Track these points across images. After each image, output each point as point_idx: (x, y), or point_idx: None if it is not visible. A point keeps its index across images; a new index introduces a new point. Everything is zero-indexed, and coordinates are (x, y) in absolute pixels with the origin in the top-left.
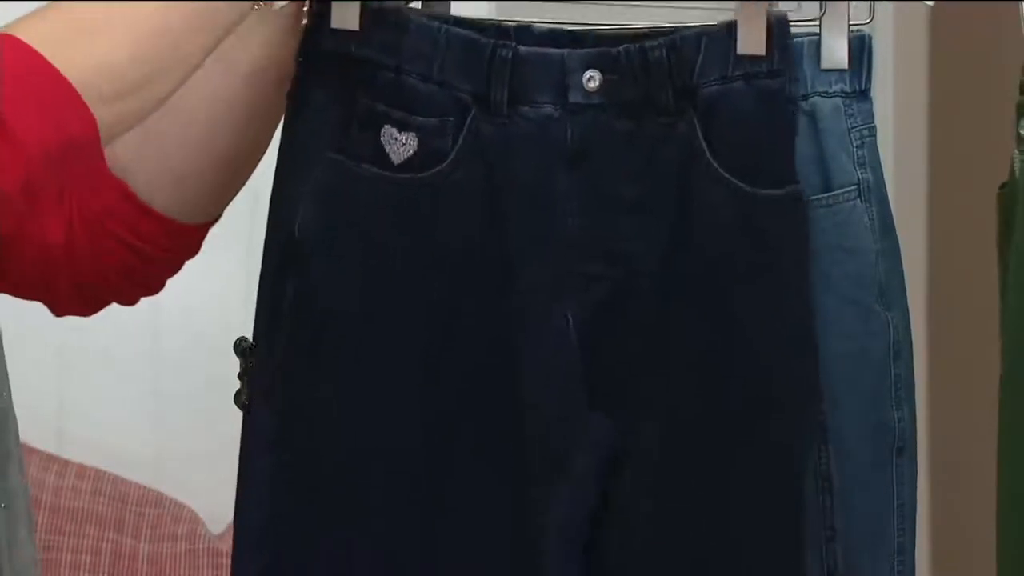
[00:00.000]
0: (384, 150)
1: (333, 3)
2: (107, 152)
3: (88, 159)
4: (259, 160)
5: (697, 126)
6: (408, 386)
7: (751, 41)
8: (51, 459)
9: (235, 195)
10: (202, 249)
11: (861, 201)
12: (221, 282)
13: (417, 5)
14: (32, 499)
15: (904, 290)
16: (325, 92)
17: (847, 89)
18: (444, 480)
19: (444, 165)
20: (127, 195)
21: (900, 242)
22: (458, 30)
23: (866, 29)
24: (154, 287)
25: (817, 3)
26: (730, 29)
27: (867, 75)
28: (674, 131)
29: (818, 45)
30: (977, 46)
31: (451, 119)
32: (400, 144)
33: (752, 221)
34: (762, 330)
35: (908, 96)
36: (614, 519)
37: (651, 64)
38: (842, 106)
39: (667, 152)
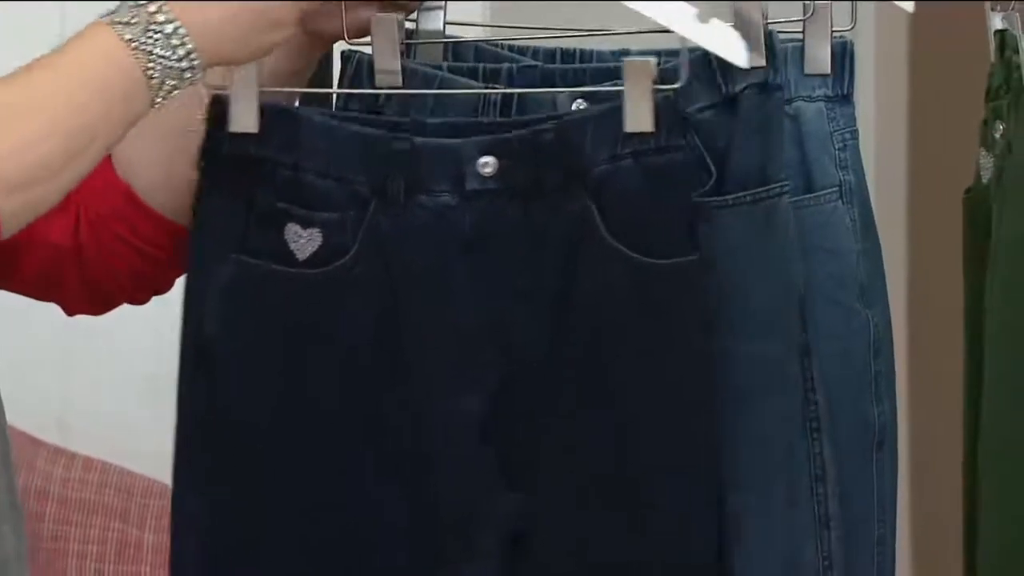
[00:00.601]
0: (288, 247)
1: (231, 107)
2: (113, 152)
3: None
4: None
5: (591, 204)
6: (321, 479)
7: (638, 120)
8: (59, 452)
9: None
10: None
11: (843, 202)
12: None
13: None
14: (39, 491)
15: (884, 289)
16: (228, 194)
17: (830, 93)
18: (360, 562)
19: (346, 259)
20: (130, 196)
21: (880, 242)
22: (354, 126)
23: (848, 35)
24: (162, 287)
25: (800, 7)
26: (617, 110)
27: (849, 80)
28: (566, 210)
29: (802, 51)
30: (956, 50)
31: (351, 213)
32: (304, 240)
33: (649, 292)
34: (659, 400)
35: (888, 100)
36: None
37: (542, 147)
38: (825, 110)
39: (560, 232)
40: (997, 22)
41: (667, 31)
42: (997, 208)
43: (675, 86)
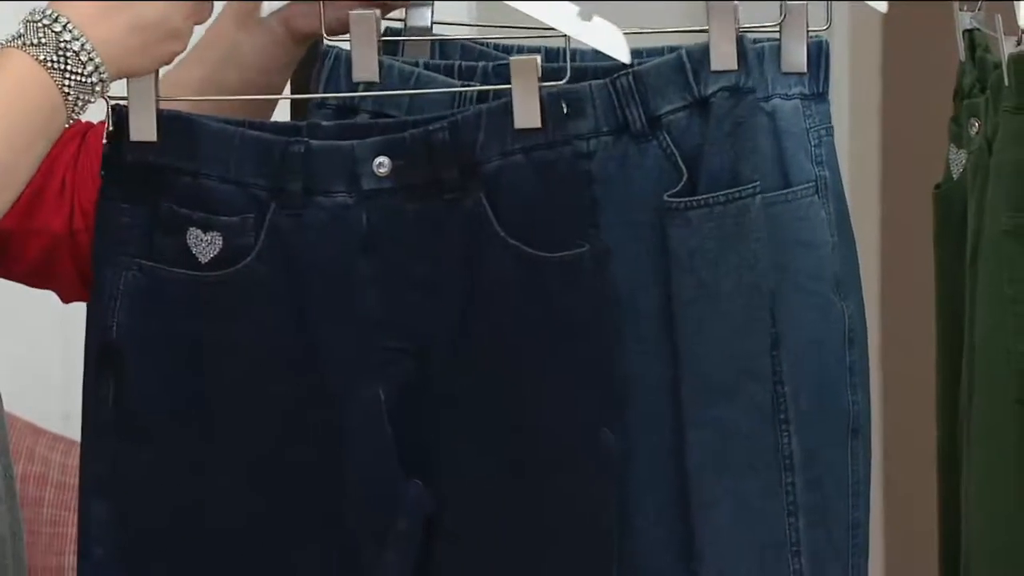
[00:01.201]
0: (191, 251)
1: (131, 117)
2: None
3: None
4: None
5: (483, 199)
6: (231, 474)
7: (526, 116)
8: (57, 439)
9: None
10: None
11: (818, 197)
12: None
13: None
14: (38, 477)
15: (859, 281)
16: (130, 201)
17: (806, 91)
18: (275, 556)
19: (249, 260)
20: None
21: (855, 236)
22: (251, 132)
23: (823, 34)
24: None
25: (777, 8)
26: (507, 107)
27: (824, 78)
28: (461, 206)
29: (779, 50)
30: (926, 50)
31: (251, 216)
32: (206, 244)
33: (541, 284)
34: (556, 388)
35: (862, 98)
36: (438, 573)
37: (435, 146)
38: (801, 107)
39: (456, 227)
40: (966, 22)
41: (646, 32)
42: (975, 204)
43: (560, 82)
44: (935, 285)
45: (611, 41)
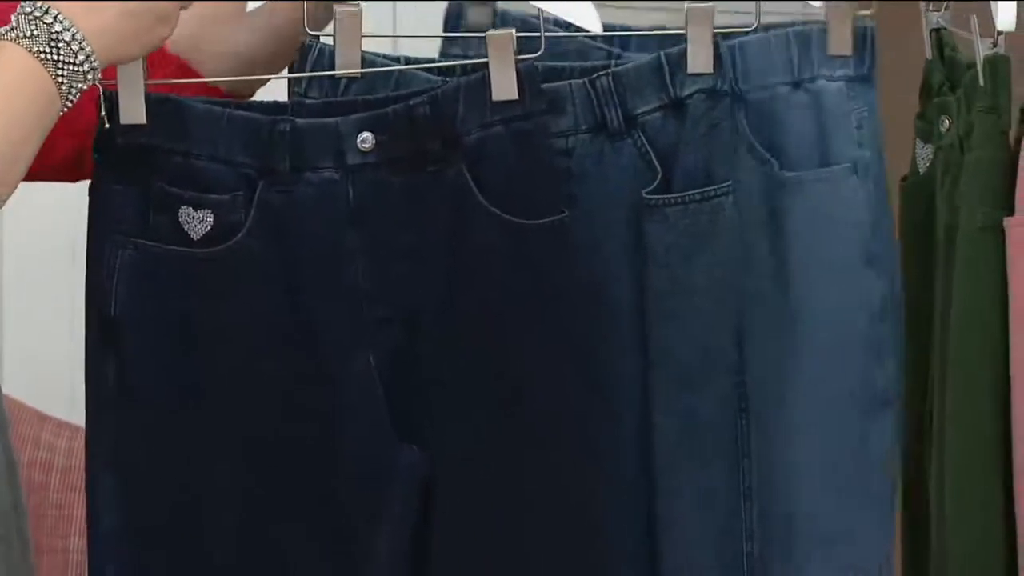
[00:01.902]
0: (183, 229)
1: (120, 101)
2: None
3: None
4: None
5: (465, 170)
6: (229, 443)
7: (503, 88)
8: (62, 425)
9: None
10: None
11: (857, 177)
12: None
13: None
14: (44, 462)
15: (894, 259)
16: (122, 182)
17: (851, 74)
18: (274, 520)
19: (240, 236)
20: (182, 67)
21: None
22: (238, 112)
23: (869, 21)
24: None
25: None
26: (485, 80)
27: (871, 62)
28: (444, 177)
29: (824, 33)
30: (893, 47)
31: (241, 193)
32: (198, 221)
33: (523, 250)
34: (540, 354)
35: None
36: (433, 538)
37: (417, 120)
38: (845, 89)
39: (440, 197)
40: (933, 21)
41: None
42: (946, 200)
43: (535, 55)
44: (903, 273)
45: (581, 13)
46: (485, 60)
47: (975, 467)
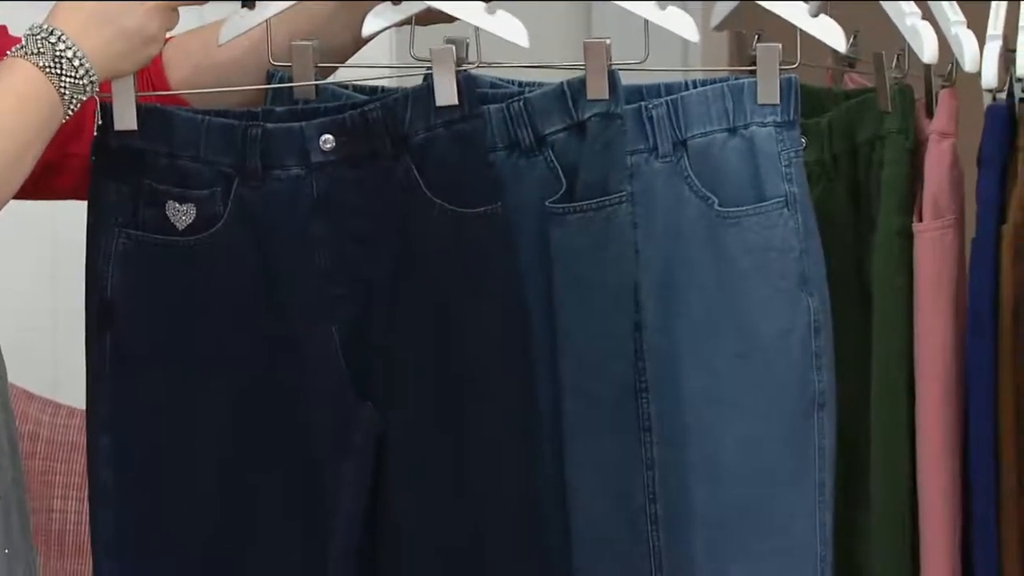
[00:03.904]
0: (169, 220)
1: (115, 110)
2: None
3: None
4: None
5: (412, 166)
6: (212, 405)
7: (446, 95)
8: (47, 402)
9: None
10: None
11: (788, 210)
12: None
13: None
14: (31, 434)
15: (824, 280)
16: (116, 180)
17: (778, 120)
18: (251, 468)
19: (219, 226)
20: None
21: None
22: (216, 119)
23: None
24: None
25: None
26: (430, 89)
27: (794, 109)
28: (394, 172)
29: (755, 85)
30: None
31: (219, 189)
32: (182, 214)
33: (462, 235)
34: (476, 324)
35: None
36: (387, 480)
37: (371, 123)
38: (774, 133)
39: (391, 190)
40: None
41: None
42: (823, 209)
43: (473, 65)
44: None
45: (511, 29)
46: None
47: (893, 460)
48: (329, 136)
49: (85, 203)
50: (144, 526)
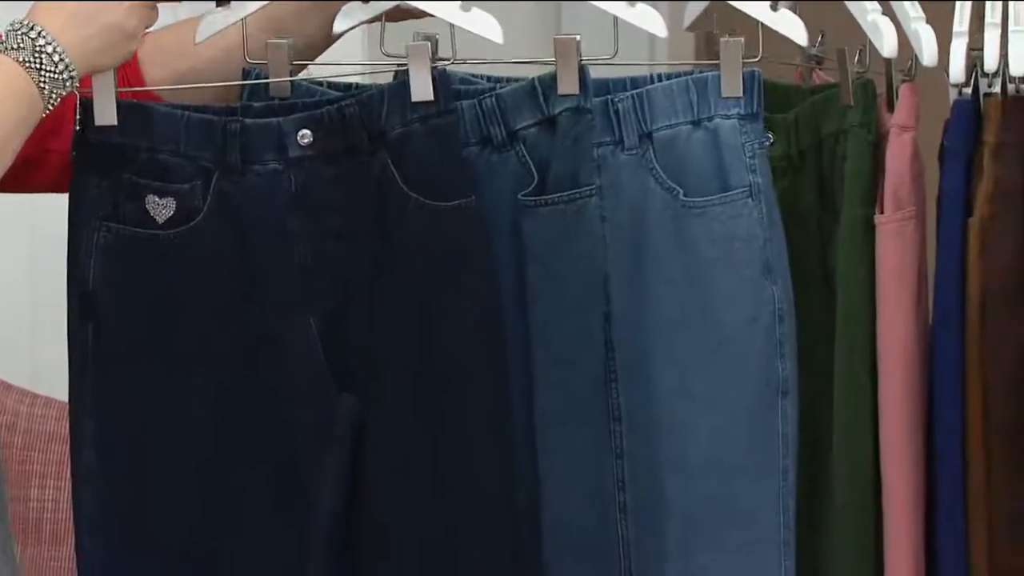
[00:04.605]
0: (150, 214)
1: (95, 105)
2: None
3: None
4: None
5: (389, 161)
6: (192, 394)
7: (421, 91)
8: (25, 393)
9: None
10: None
11: (752, 200)
12: None
13: None
14: (9, 425)
15: (786, 269)
16: (96, 174)
17: (742, 112)
18: (233, 459)
19: (199, 219)
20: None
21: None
22: (195, 114)
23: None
24: None
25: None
26: (406, 84)
27: (757, 101)
28: (371, 167)
29: (719, 79)
30: None
31: (199, 183)
32: (162, 207)
33: (437, 228)
34: (454, 318)
35: None
36: (366, 470)
37: (347, 119)
38: (738, 125)
39: (367, 184)
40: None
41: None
42: (794, 204)
43: (447, 61)
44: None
45: (486, 26)
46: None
47: (856, 451)
48: (306, 131)
49: (65, 197)
50: (125, 515)
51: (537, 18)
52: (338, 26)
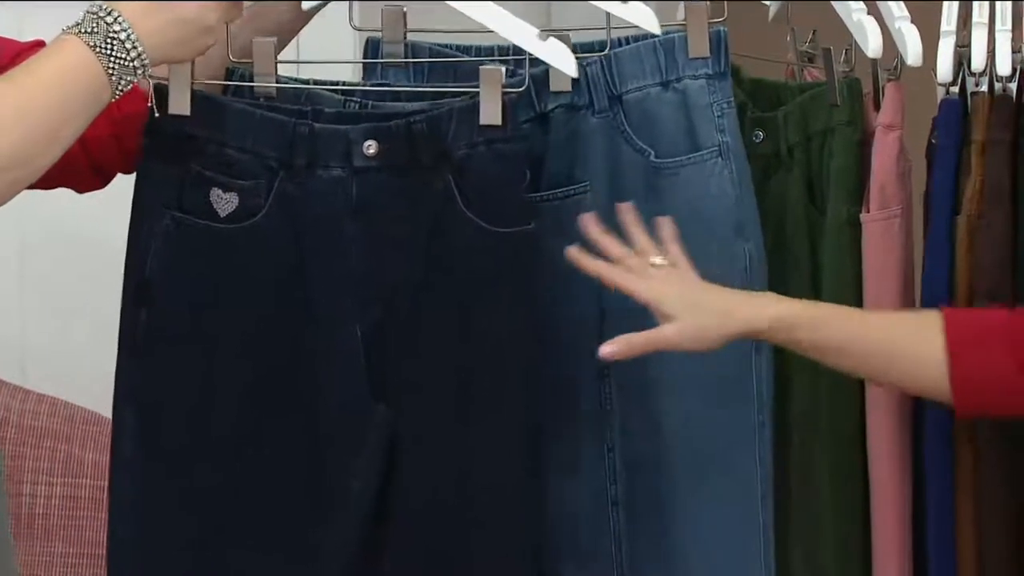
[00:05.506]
0: (212, 206)
1: (170, 95)
2: None
3: None
4: None
5: (451, 181)
6: (236, 389)
7: (490, 115)
8: (16, 389)
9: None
10: None
11: (722, 159)
12: None
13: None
14: (1, 419)
15: (758, 227)
16: (165, 162)
17: (710, 72)
18: (269, 457)
19: (259, 217)
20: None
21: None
22: (268, 113)
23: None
24: None
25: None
26: (475, 106)
27: (725, 61)
28: (433, 185)
29: (685, 40)
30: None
31: (263, 181)
32: (225, 202)
33: (491, 252)
34: (493, 336)
35: None
36: (397, 479)
37: (415, 134)
38: (706, 85)
39: (427, 201)
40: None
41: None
42: (775, 198)
43: (519, 89)
44: None
45: (562, 58)
46: (468, 89)
47: (842, 447)
48: (373, 142)
49: (52, 197)
50: (159, 503)
51: (527, 12)
52: (306, 4)
